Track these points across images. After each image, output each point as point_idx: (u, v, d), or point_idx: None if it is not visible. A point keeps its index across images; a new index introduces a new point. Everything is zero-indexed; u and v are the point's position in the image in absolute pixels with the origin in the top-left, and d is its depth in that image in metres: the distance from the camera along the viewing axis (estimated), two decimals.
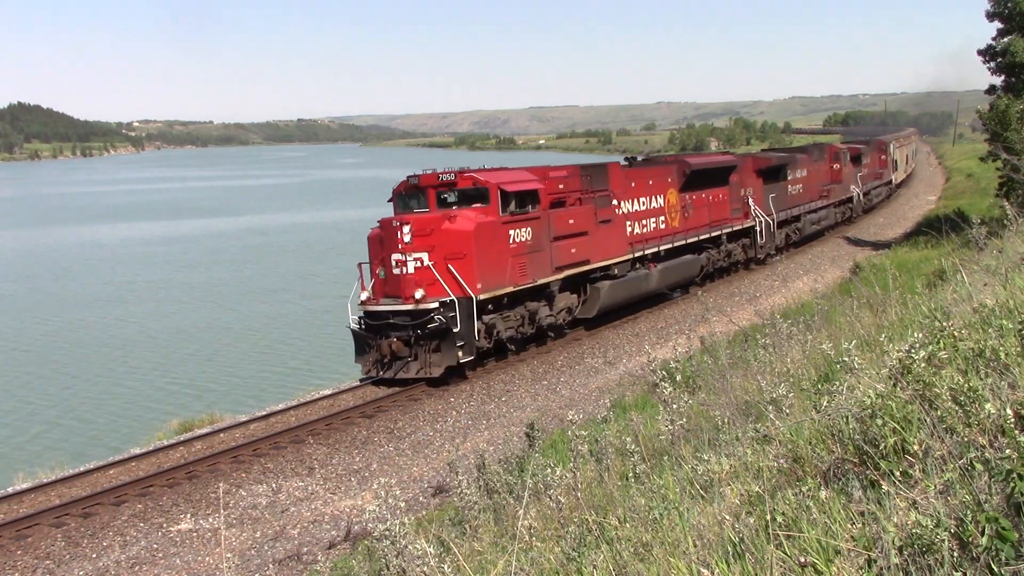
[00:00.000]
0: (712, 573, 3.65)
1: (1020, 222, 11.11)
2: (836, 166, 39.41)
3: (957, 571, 2.99)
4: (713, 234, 26.76)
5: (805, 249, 34.97)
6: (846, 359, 5.28)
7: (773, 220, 30.59)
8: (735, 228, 28.46)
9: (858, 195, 42.52)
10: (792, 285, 26.78)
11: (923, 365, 4.06)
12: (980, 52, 28.16)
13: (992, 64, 27.78)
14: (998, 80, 28.06)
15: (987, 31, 28.20)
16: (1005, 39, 27.06)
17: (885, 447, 3.85)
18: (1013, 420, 3.57)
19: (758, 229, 29.84)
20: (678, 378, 8.26)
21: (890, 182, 52.68)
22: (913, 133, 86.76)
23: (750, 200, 29.54)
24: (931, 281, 13.26)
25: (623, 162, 25.07)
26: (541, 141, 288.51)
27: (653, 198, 23.48)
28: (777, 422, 5.31)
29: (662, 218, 23.87)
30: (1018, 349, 4.37)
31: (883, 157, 50.37)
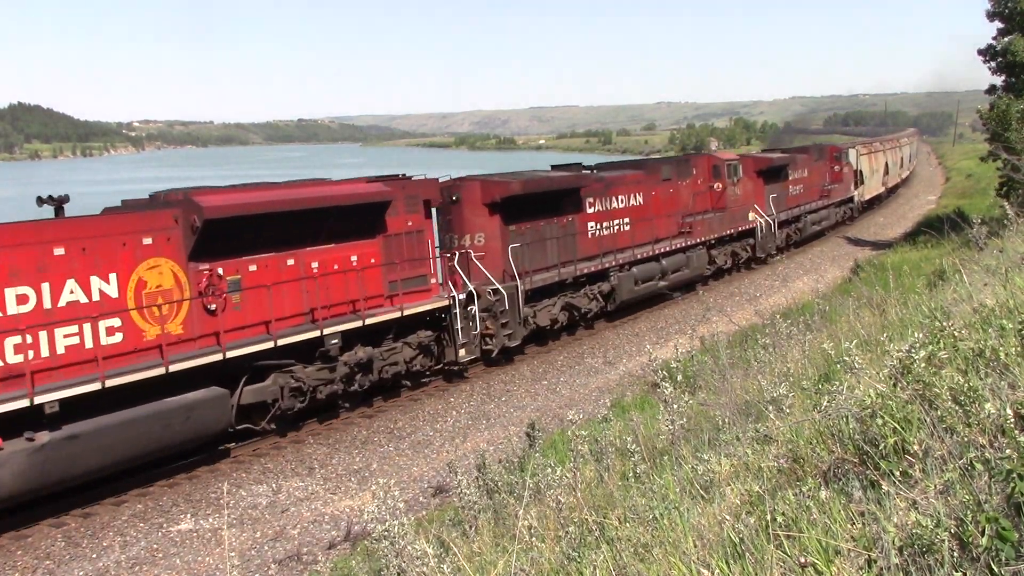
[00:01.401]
0: (712, 573, 3.65)
1: (1020, 222, 11.12)
2: (716, 186, 27.53)
3: (957, 571, 2.99)
4: (327, 331, 14.22)
5: (805, 249, 34.73)
6: (846, 359, 5.29)
7: (519, 287, 18.13)
8: (391, 316, 15.46)
9: (767, 226, 30.16)
10: (792, 285, 26.80)
11: (923, 365, 4.06)
12: (980, 52, 28.18)
13: (992, 64, 27.80)
14: (998, 80, 28.08)
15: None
16: (1006, 39, 27.08)
17: (885, 447, 3.85)
18: (1013, 420, 3.57)
19: (456, 312, 16.69)
20: (679, 378, 8.27)
21: (850, 200, 41.29)
22: (910, 134, 78.98)
23: (472, 258, 17.78)
24: (931, 281, 13.26)
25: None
26: (541, 141, 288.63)
27: (77, 287, 11.35)
28: (777, 422, 5.31)
29: (110, 324, 11.60)
30: (1018, 349, 4.37)
31: (837, 168, 38.82)
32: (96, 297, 11.66)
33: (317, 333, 14.21)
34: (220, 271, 13.08)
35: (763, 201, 30.32)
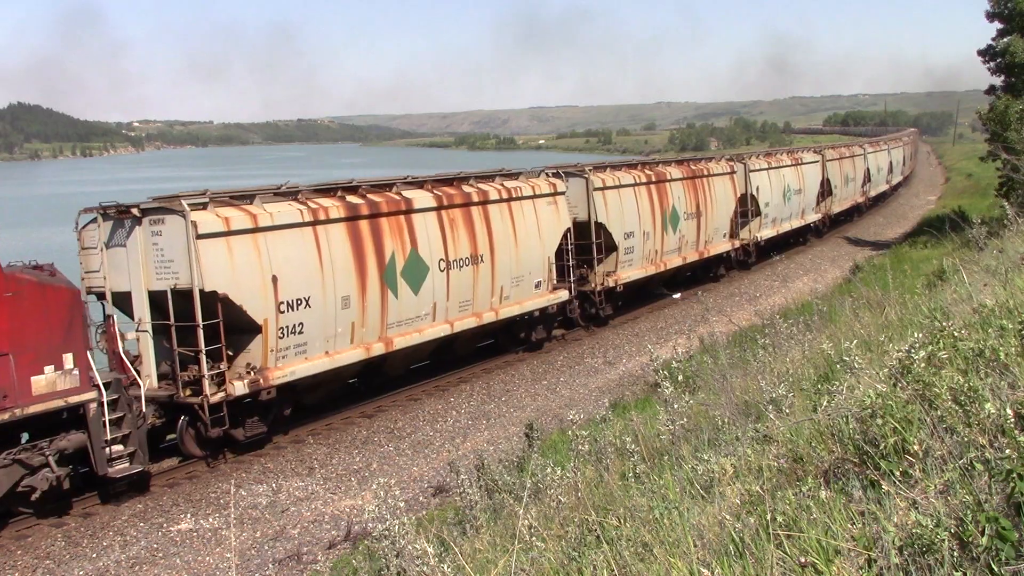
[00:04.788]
0: (712, 573, 3.65)
1: (1020, 222, 11.12)
2: None
3: (957, 571, 2.99)
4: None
5: (804, 249, 34.80)
6: (846, 359, 5.29)
7: None
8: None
9: None
10: (792, 285, 26.80)
11: (923, 365, 4.07)
12: (980, 52, 28.20)
13: (992, 64, 27.82)
14: (998, 80, 28.10)
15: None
16: (1005, 39, 27.10)
17: (885, 447, 3.85)
18: (1013, 420, 3.57)
19: None
20: (679, 378, 8.26)
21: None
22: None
23: None
24: (931, 281, 13.26)
25: None
26: (541, 141, 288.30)
27: None
28: (777, 422, 5.31)
29: None
30: (1018, 349, 4.37)
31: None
32: None
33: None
34: None
35: None
